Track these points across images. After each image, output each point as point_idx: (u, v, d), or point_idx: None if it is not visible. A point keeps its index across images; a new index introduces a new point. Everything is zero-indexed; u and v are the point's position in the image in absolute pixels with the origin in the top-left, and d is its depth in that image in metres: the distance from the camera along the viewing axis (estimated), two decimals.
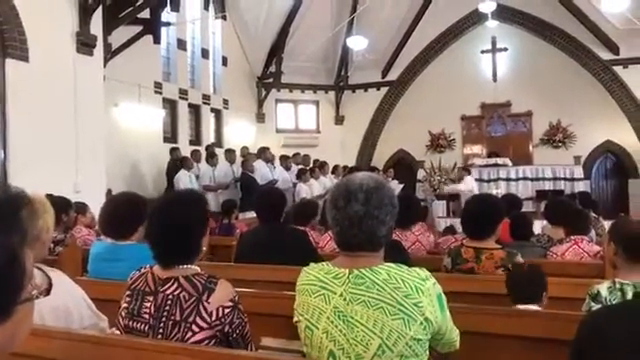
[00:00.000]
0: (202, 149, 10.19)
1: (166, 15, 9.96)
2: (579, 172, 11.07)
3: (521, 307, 2.21)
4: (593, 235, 4.16)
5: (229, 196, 8.35)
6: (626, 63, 11.36)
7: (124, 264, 2.06)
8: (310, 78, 13.60)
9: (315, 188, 9.55)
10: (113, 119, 8.87)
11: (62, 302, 1.83)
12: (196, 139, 11.18)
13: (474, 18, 12.48)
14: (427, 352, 1.52)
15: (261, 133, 13.03)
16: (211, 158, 9.45)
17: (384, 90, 13.53)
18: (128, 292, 1.74)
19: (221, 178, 9.31)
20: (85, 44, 6.69)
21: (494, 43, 12.61)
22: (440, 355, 1.64)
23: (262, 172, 9.38)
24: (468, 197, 3.28)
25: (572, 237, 3.47)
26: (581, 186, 10.87)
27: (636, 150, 11.34)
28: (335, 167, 10.93)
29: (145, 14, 8.92)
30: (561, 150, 12.10)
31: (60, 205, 3.99)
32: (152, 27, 9.27)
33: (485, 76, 12.69)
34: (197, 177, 9.01)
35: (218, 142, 11.59)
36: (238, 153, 9.99)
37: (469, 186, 9.77)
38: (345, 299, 1.49)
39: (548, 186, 10.86)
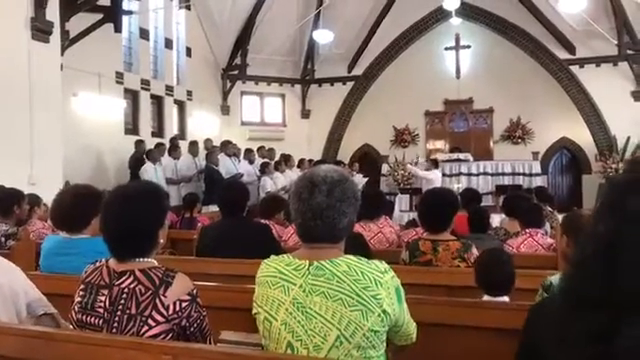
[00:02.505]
0: (165, 141, 9.99)
1: (128, 3, 9.69)
2: (537, 168, 11.42)
3: (490, 299, 2.24)
4: (548, 228, 4.31)
5: (192, 189, 8.24)
6: (582, 63, 11.78)
7: (77, 258, 2.01)
8: (276, 71, 13.52)
9: (280, 181, 9.52)
10: (72, 109, 8.58)
11: (6, 280, 1.79)
12: (159, 131, 10.95)
13: (438, 15, 12.66)
14: (384, 344, 1.54)
15: (226, 126, 12.87)
16: (174, 151, 9.29)
17: (350, 85, 13.59)
18: (82, 286, 1.69)
19: (184, 171, 9.17)
20: (41, 30, 6.43)
21: (457, 40, 12.83)
22: (397, 347, 1.67)
23: (226, 165, 9.28)
24: (424, 191, 3.36)
25: (527, 230, 3.59)
26: (539, 181, 11.21)
27: (590, 147, 11.79)
28: (301, 161, 10.91)
29: (105, 1, 8.66)
30: (520, 146, 12.45)
31: (11, 196, 3.86)
32: (113, 15, 8.99)
33: (448, 73, 12.91)
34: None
35: (181, 134, 11.39)
36: (202, 146, 9.86)
37: (436, 177, 9.97)
38: (304, 290, 1.50)
39: (507, 181, 11.16)
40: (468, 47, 12.78)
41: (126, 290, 1.60)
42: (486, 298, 2.25)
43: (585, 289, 0.68)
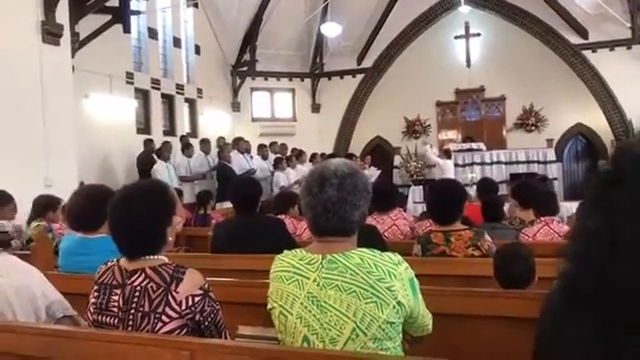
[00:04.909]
0: (177, 139, 10.05)
1: (136, 3, 9.74)
2: (551, 155, 11.29)
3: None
4: (564, 215, 4.26)
5: (206, 186, 8.30)
6: (595, 47, 11.57)
7: (94, 258, 2.03)
8: (285, 66, 13.50)
9: (292, 177, 9.55)
10: (84, 111, 8.67)
11: (24, 282, 1.82)
12: (170, 129, 11.01)
13: (447, 4, 12.52)
14: (400, 335, 1.54)
15: (237, 122, 12.91)
16: (186, 149, 9.35)
17: (360, 77, 13.51)
18: (95, 287, 1.72)
19: (197, 169, 9.23)
20: (51, 33, 6.48)
21: (467, 28, 12.68)
22: (413, 338, 1.66)
23: (239, 162, 9.32)
24: (431, 184, 3.36)
25: (542, 218, 3.55)
26: (554, 168, 11.11)
27: (605, 132, 11.60)
28: (313, 155, 10.91)
29: (114, 2, 8.69)
30: (534, 134, 12.30)
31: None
32: (121, 16, 9.03)
33: (459, 62, 12.78)
34: (174, 168, 8.92)
35: (193, 132, 11.44)
36: (214, 143, 9.90)
37: (448, 167, 9.91)
38: (319, 284, 1.50)
39: (522, 169, 11.06)
40: (478, 35, 12.63)
41: (138, 288, 1.62)
42: None
43: (582, 288, 0.64)
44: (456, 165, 10.81)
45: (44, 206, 4.54)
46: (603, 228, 0.63)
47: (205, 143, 9.67)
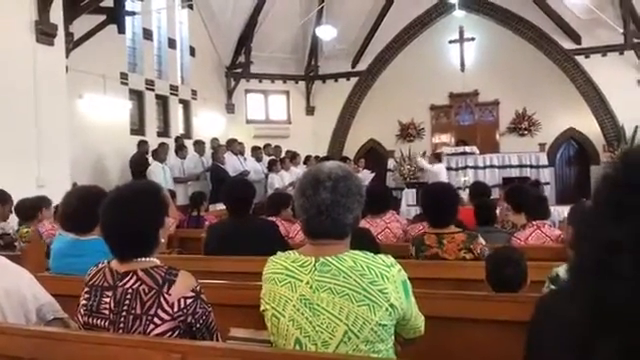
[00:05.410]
0: (171, 141, 10.03)
1: (130, 4, 9.71)
2: (544, 159, 11.35)
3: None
4: (555, 219, 4.28)
5: (199, 188, 8.28)
6: (587, 52, 11.66)
7: (86, 259, 2.02)
8: (280, 68, 13.51)
9: (286, 179, 9.55)
10: (78, 111, 8.63)
11: (14, 285, 1.80)
12: (164, 131, 10.97)
13: (442, 8, 12.58)
14: (392, 337, 1.55)
15: (231, 124, 12.89)
16: (180, 150, 9.33)
17: (354, 80, 13.55)
18: (86, 289, 1.70)
19: (191, 170, 9.22)
20: (45, 33, 6.46)
21: (462, 33, 12.74)
22: (405, 341, 1.67)
23: (233, 164, 9.32)
24: (424, 187, 3.40)
25: (534, 222, 3.57)
26: (546, 173, 11.16)
27: (597, 137, 11.69)
28: (307, 158, 10.92)
29: (108, 2, 8.68)
30: (527, 138, 12.36)
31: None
32: (116, 16, 9.01)
33: (453, 66, 12.83)
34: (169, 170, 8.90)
35: (187, 133, 11.42)
36: (208, 145, 9.89)
37: (441, 170, 9.95)
38: (311, 287, 1.50)
39: (514, 173, 11.09)
40: (472, 39, 12.69)
41: (130, 290, 1.62)
42: None
43: (612, 305, 0.58)
44: (449, 169, 10.84)
45: (30, 208, 4.50)
46: (634, 237, 0.57)
47: (199, 144, 9.66)
